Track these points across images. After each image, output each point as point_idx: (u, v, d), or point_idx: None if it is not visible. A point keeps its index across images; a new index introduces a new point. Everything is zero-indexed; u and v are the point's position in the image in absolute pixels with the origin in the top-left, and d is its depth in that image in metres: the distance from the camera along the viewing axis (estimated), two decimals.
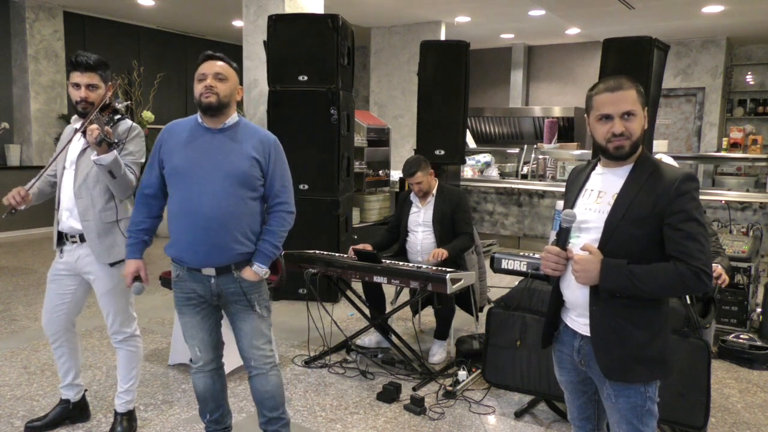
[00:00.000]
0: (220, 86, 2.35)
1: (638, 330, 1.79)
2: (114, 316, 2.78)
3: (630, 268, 1.72)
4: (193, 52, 10.73)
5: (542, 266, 1.91)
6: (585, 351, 1.89)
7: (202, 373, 2.56)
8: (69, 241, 2.72)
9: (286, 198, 2.46)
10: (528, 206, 7.70)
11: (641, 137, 1.82)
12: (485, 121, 11.42)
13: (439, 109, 5.83)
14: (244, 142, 2.40)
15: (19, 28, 8.29)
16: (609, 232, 1.79)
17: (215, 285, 2.41)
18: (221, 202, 2.33)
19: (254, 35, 6.29)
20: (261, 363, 2.51)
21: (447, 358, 3.98)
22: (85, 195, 2.64)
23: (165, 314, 4.79)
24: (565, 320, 1.96)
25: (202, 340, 2.51)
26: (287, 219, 2.47)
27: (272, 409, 2.57)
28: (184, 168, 2.37)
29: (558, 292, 1.96)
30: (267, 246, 2.42)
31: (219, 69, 2.37)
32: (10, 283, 5.69)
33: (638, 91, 1.81)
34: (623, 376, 1.80)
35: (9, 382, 3.52)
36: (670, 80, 9.90)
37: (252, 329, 2.47)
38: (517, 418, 3.20)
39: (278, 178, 2.45)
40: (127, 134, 2.70)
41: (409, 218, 4.12)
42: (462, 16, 8.98)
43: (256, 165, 2.39)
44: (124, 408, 2.90)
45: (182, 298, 2.49)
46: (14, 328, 4.46)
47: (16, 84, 8.45)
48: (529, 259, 3.17)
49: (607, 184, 1.87)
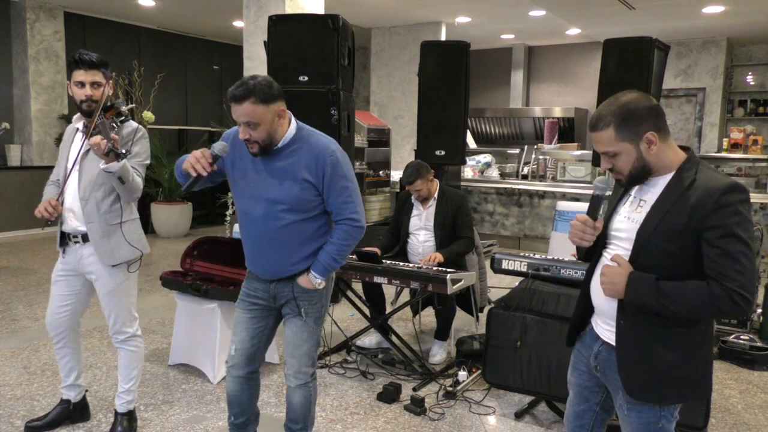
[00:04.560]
0: (254, 134, 2.18)
1: (667, 350, 1.68)
2: (116, 316, 2.78)
3: (658, 285, 1.62)
4: (193, 53, 10.75)
5: (569, 235, 1.83)
6: (603, 357, 1.83)
7: (232, 377, 2.49)
8: (72, 241, 2.72)
9: (348, 214, 2.32)
10: (528, 207, 7.70)
11: (650, 161, 1.69)
12: (486, 121, 11.42)
13: (439, 110, 5.83)
14: (298, 163, 2.27)
15: (20, 28, 8.29)
16: (640, 244, 1.69)
17: (273, 287, 2.40)
18: (271, 227, 2.30)
19: (255, 36, 6.29)
20: (292, 374, 2.45)
21: (447, 359, 3.98)
22: (90, 197, 2.64)
23: (166, 314, 4.79)
24: (592, 321, 1.91)
25: (241, 340, 2.45)
26: (351, 233, 2.34)
27: (293, 420, 2.54)
28: (242, 184, 2.34)
29: (587, 294, 1.89)
30: (326, 257, 2.34)
31: (246, 117, 2.15)
32: (10, 283, 5.69)
33: (617, 127, 1.67)
34: (646, 396, 1.71)
35: (9, 381, 3.52)
36: (671, 81, 9.90)
37: (293, 335, 2.42)
38: (518, 419, 3.20)
39: (335, 196, 2.30)
40: (133, 136, 2.69)
41: (411, 221, 4.12)
42: (462, 17, 8.98)
43: (309, 187, 2.27)
44: (125, 408, 2.90)
45: (244, 292, 2.48)
46: (15, 328, 4.46)
47: (16, 84, 8.45)
48: (529, 259, 3.17)
49: (649, 192, 1.74)
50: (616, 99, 1.71)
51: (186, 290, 3.63)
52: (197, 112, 10.86)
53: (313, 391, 2.54)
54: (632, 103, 1.69)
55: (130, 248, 2.72)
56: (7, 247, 7.27)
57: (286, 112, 2.28)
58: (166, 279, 3.75)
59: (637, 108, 1.68)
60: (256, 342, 2.47)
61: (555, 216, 6.07)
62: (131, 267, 2.78)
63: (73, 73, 2.62)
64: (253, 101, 2.13)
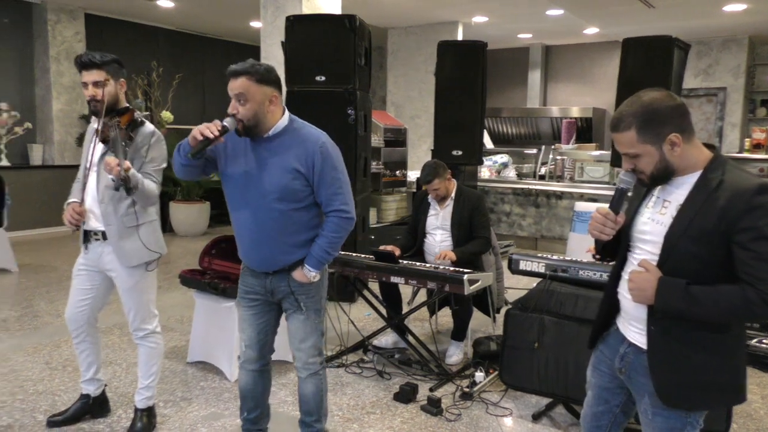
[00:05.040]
0: (241, 110, 2.23)
1: (700, 355, 1.64)
2: (135, 312, 2.82)
3: (689, 290, 1.58)
4: (211, 53, 10.83)
5: (589, 228, 1.78)
6: (629, 360, 1.79)
7: (245, 371, 2.58)
8: (93, 238, 2.76)
9: (338, 205, 2.35)
10: (546, 207, 7.66)
11: (673, 162, 1.65)
12: (502, 121, 11.37)
13: (456, 110, 5.82)
14: (288, 153, 2.30)
15: (42, 30, 8.41)
16: (668, 248, 1.64)
17: (269, 282, 2.44)
18: (263, 218, 2.33)
19: (272, 36, 6.32)
20: (301, 365, 2.51)
21: (464, 359, 3.97)
22: (107, 200, 2.67)
23: (184, 312, 4.83)
24: (617, 323, 1.87)
25: (249, 336, 2.52)
26: (341, 224, 2.37)
27: (306, 413, 2.59)
28: (235, 178, 2.37)
29: (612, 295, 1.85)
30: (318, 251, 2.37)
31: (238, 89, 2.22)
32: (32, 280, 5.78)
33: (639, 129, 1.63)
34: (680, 403, 1.68)
35: (32, 377, 3.57)
36: (691, 80, 9.78)
37: (296, 329, 2.48)
38: (535, 421, 3.19)
39: (326, 187, 2.33)
40: (149, 140, 2.69)
41: (427, 221, 4.11)
42: (479, 16, 8.95)
43: (298, 177, 2.30)
44: (144, 404, 2.94)
45: (242, 290, 2.52)
46: (37, 324, 4.53)
47: (38, 85, 8.58)
48: (547, 260, 3.15)
49: (674, 192, 1.69)
50: (638, 98, 1.67)
51: (204, 288, 3.66)
52: (214, 111, 10.93)
53: (324, 380, 2.58)
54: (655, 103, 1.64)
55: (146, 251, 2.74)
56: (30, 244, 7.38)
57: (279, 100, 2.32)
58: (184, 277, 3.79)
59: (660, 108, 1.64)
60: (263, 336, 2.53)
61: (573, 217, 6.03)
62: (149, 266, 2.81)
63: (80, 75, 2.67)
64: (248, 77, 2.22)
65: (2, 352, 3.95)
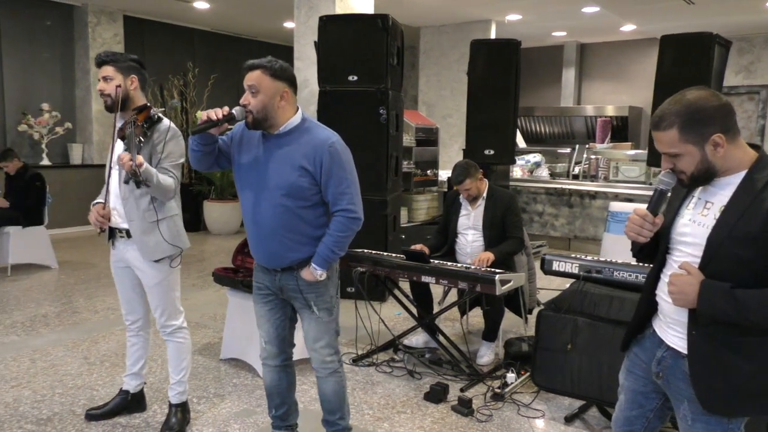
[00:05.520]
0: (252, 102, 2.27)
1: (744, 361, 1.60)
2: (162, 309, 2.87)
3: (734, 293, 1.53)
4: (245, 54, 10.90)
5: (626, 229, 1.74)
6: (667, 364, 1.75)
7: (268, 367, 2.60)
8: (118, 235, 2.83)
9: (344, 205, 2.35)
10: (579, 207, 7.55)
11: (715, 163, 1.61)
12: (536, 120, 11.25)
13: (488, 109, 5.78)
14: (297, 151, 2.32)
15: (82, 32, 8.63)
16: (711, 251, 1.59)
17: (278, 279, 2.46)
18: (271, 213, 2.35)
19: (305, 36, 6.37)
20: (318, 365, 2.53)
21: (495, 360, 3.94)
22: (129, 196, 2.72)
23: (217, 309, 4.90)
24: (654, 326, 1.82)
25: (267, 332, 2.56)
26: (348, 224, 2.37)
27: (329, 412, 2.60)
28: (245, 171, 2.41)
29: (650, 298, 1.81)
30: (324, 249, 2.38)
31: (251, 81, 2.27)
32: (71, 277, 5.94)
33: (682, 128, 1.58)
34: (722, 410, 1.64)
35: (71, 371, 3.67)
36: (732, 77, 9.52)
37: (309, 329, 2.49)
38: (567, 423, 3.15)
39: (333, 186, 2.33)
40: (165, 137, 2.72)
41: (459, 221, 4.09)
42: (513, 14, 8.87)
43: (305, 175, 2.31)
44: (178, 399, 2.99)
45: (255, 287, 2.56)
46: (76, 319, 4.65)
47: (78, 86, 8.80)
48: (581, 261, 3.11)
49: (717, 194, 1.64)
50: (683, 96, 1.62)
51: (237, 286, 3.71)
52: None
53: (343, 378, 2.59)
54: (699, 102, 1.60)
55: (168, 245, 2.78)
56: (69, 242, 7.59)
57: (291, 98, 2.35)
58: (218, 275, 3.84)
59: (704, 108, 1.59)
60: (281, 331, 2.56)
61: (607, 217, 5.93)
62: (173, 262, 2.84)
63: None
64: (263, 71, 2.27)
65: (43, 346, 4.07)
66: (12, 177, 6.04)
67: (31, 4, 8.22)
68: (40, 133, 8.07)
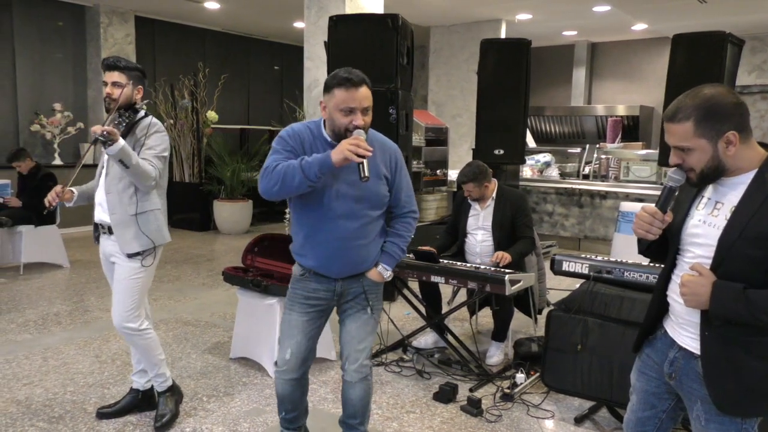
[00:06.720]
0: (368, 120, 2.22)
1: (758, 361, 1.59)
2: (119, 307, 2.85)
3: (746, 294, 1.52)
4: (255, 54, 11.00)
5: (634, 226, 1.72)
6: (680, 365, 1.74)
7: (283, 380, 2.48)
8: (100, 231, 2.88)
9: (413, 206, 2.46)
10: (589, 207, 7.51)
11: (725, 162, 1.60)
12: (546, 120, 11.21)
13: (498, 109, 5.76)
14: (375, 159, 2.28)
15: (94, 32, 8.69)
16: (723, 251, 1.58)
17: (340, 286, 2.41)
18: (355, 225, 2.31)
19: (315, 36, 6.38)
20: (354, 368, 2.45)
21: (505, 360, 3.93)
22: (113, 190, 2.79)
23: (227, 309, 4.92)
24: (666, 326, 1.81)
25: (298, 343, 2.42)
26: (413, 225, 2.47)
27: (351, 416, 2.56)
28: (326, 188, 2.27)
29: (661, 298, 1.80)
30: (395, 249, 2.41)
31: (367, 102, 2.20)
32: (83, 276, 5.98)
33: (698, 122, 1.57)
34: (735, 410, 1.63)
35: (82, 370, 3.70)
36: (744, 77, 9.45)
37: (357, 329, 2.44)
38: (577, 424, 3.13)
39: (405, 189, 2.43)
40: (146, 130, 2.80)
41: (468, 220, 4.08)
42: (523, 14, 8.84)
43: (385, 182, 2.35)
44: (163, 387, 3.03)
45: (300, 295, 2.43)
46: (87, 318, 4.68)
47: (90, 86, 8.87)
48: (591, 261, 3.09)
49: (727, 194, 1.63)
50: (700, 90, 1.61)
51: (247, 286, 3.72)
52: (258, 111, 11.12)
53: (372, 385, 2.56)
54: (717, 98, 1.59)
55: (146, 239, 2.81)
56: (80, 241, 7.64)
57: None
58: (227, 274, 3.86)
59: (721, 104, 1.58)
60: (311, 344, 2.48)
61: (618, 217, 5.90)
62: (145, 260, 2.84)
63: (103, 75, 2.83)
64: (367, 86, 2.22)
65: (54, 345, 4.10)
66: (25, 176, 6.10)
67: (44, 4, 8.30)
68: (52, 133, 8.14)
